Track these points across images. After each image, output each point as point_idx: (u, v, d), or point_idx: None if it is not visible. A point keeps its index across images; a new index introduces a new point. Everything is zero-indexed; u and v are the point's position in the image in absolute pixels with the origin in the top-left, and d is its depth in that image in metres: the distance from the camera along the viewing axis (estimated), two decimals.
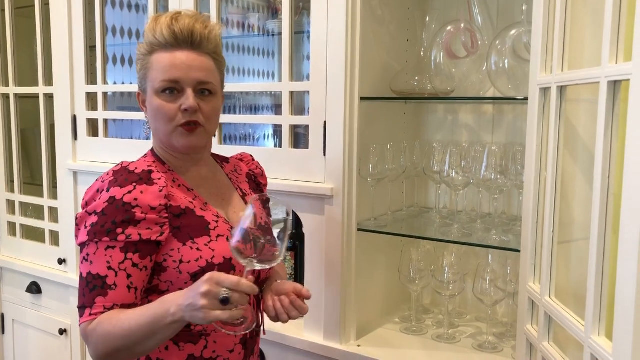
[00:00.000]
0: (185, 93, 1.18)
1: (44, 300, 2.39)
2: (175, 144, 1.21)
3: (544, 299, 1.12)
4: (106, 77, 2.13)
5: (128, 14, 2.40)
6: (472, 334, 1.74)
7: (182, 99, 1.18)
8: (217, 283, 1.01)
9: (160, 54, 1.19)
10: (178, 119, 1.18)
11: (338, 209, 1.62)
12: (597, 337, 0.92)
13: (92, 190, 1.17)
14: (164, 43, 1.19)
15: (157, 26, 1.19)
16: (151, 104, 1.21)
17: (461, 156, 1.61)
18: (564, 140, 1.10)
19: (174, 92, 1.19)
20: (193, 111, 1.18)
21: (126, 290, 1.11)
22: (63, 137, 2.23)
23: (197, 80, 1.19)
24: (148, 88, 1.21)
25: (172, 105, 1.18)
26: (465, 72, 1.65)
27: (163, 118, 1.19)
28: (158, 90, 1.19)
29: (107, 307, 1.10)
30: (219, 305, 1.00)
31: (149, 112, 1.23)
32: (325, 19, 1.58)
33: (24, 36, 2.47)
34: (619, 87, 0.87)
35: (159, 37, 1.19)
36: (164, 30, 1.18)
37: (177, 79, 1.18)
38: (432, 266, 1.70)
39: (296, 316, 1.21)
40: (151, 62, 1.20)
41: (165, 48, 1.19)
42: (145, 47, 1.22)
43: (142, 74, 1.23)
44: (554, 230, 1.11)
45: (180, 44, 1.19)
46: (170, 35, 1.18)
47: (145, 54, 1.22)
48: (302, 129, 1.92)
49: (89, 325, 1.10)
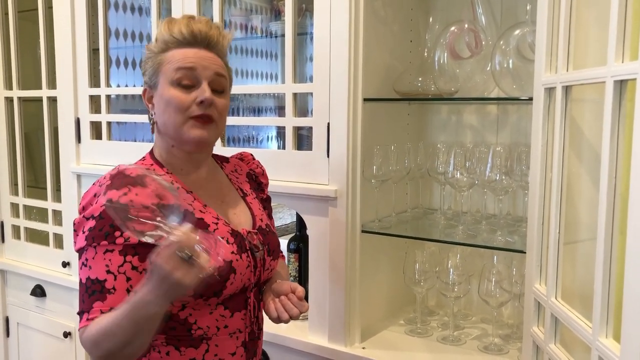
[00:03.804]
0: (201, 86, 1.18)
1: (48, 303, 2.39)
2: (185, 136, 1.19)
3: (550, 300, 1.11)
4: (109, 80, 2.13)
5: (131, 17, 2.40)
6: (477, 335, 1.74)
7: (198, 91, 1.18)
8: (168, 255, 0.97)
9: (175, 50, 1.20)
10: (192, 110, 1.17)
11: (342, 210, 1.61)
12: (604, 339, 0.91)
13: (89, 195, 1.16)
14: (182, 40, 1.19)
15: (174, 26, 1.20)
16: (162, 97, 1.19)
17: (465, 157, 1.61)
18: (569, 140, 1.09)
19: (189, 87, 1.18)
20: (208, 104, 1.17)
21: (125, 294, 1.10)
22: (66, 140, 2.24)
23: (214, 71, 1.19)
24: (160, 81, 1.20)
25: (186, 96, 1.18)
26: (469, 72, 1.65)
27: (176, 108, 1.18)
28: (174, 81, 1.18)
29: (105, 312, 1.09)
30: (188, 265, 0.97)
31: (158, 106, 1.21)
32: (328, 20, 1.58)
33: (27, 39, 2.48)
34: (625, 87, 0.86)
35: (177, 34, 1.19)
36: (183, 29, 1.19)
37: (193, 66, 1.18)
38: (437, 267, 1.69)
39: (297, 314, 1.21)
40: (166, 57, 1.20)
41: (181, 45, 1.19)
42: (158, 46, 1.22)
43: (153, 70, 1.22)
44: (560, 231, 1.10)
45: (198, 43, 1.20)
46: (189, 33, 1.19)
47: (157, 52, 1.22)
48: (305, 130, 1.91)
49: (84, 332, 1.09)
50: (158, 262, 0.98)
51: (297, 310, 1.21)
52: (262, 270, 1.28)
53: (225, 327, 1.20)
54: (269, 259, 1.29)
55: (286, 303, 1.22)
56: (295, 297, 1.22)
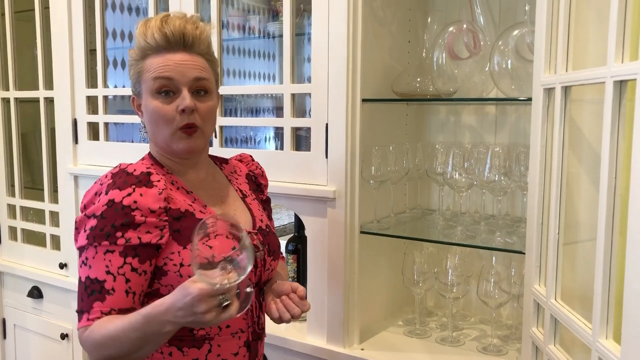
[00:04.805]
0: (181, 93, 1.17)
1: (45, 305, 2.38)
2: (174, 148, 1.20)
3: (550, 301, 1.11)
4: (106, 81, 2.13)
5: (128, 17, 2.40)
6: (476, 336, 1.73)
7: (178, 99, 1.16)
8: (211, 295, 0.99)
9: (153, 57, 1.18)
10: (177, 121, 1.17)
11: (340, 211, 1.61)
12: (604, 340, 0.90)
13: (90, 193, 1.16)
14: (156, 46, 1.17)
15: (148, 30, 1.18)
16: (147, 107, 1.19)
17: (464, 157, 1.60)
18: (568, 140, 1.09)
19: (169, 93, 1.17)
20: (190, 111, 1.16)
21: (124, 295, 1.10)
22: (64, 140, 2.23)
23: (193, 77, 1.18)
24: (143, 91, 1.20)
25: (168, 107, 1.17)
26: (468, 73, 1.64)
27: (161, 121, 1.18)
28: (153, 91, 1.17)
29: (105, 312, 1.09)
30: (221, 310, 1.00)
31: (145, 116, 1.21)
32: (326, 21, 1.57)
33: (24, 40, 2.47)
34: (624, 87, 0.86)
35: (151, 40, 1.17)
36: (155, 34, 1.17)
37: (171, 76, 1.16)
38: (436, 268, 1.69)
39: (298, 313, 1.20)
40: (145, 66, 1.19)
41: (158, 51, 1.18)
42: (137, 52, 1.20)
43: (135, 78, 1.22)
44: (560, 232, 1.10)
45: (173, 47, 1.18)
46: (162, 38, 1.17)
47: (137, 59, 1.20)
48: (303, 131, 1.91)
49: (85, 332, 1.09)
50: (195, 297, 0.98)
51: (299, 310, 1.20)
52: (263, 271, 1.28)
53: (227, 327, 1.20)
54: (269, 259, 1.29)
55: (288, 303, 1.21)
56: (297, 297, 1.22)
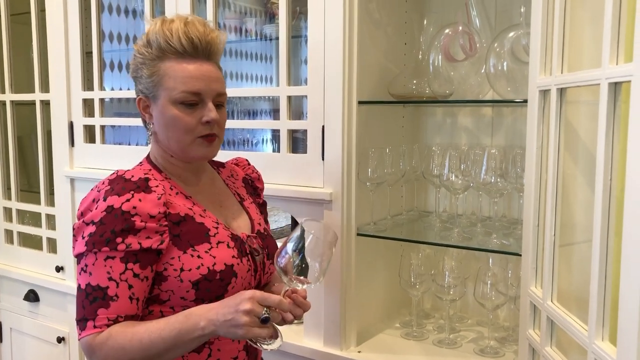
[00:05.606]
0: (205, 105, 1.17)
1: (42, 308, 2.38)
2: (192, 154, 1.20)
3: (546, 303, 1.10)
4: (103, 83, 2.12)
5: (125, 20, 2.39)
6: (473, 338, 1.73)
7: (204, 110, 1.17)
8: (260, 302, 1.04)
9: (176, 61, 1.17)
10: (198, 130, 1.18)
11: (337, 213, 1.61)
12: (600, 342, 0.90)
13: (87, 200, 1.15)
14: (182, 51, 1.17)
15: (172, 33, 1.16)
16: (164, 114, 1.18)
17: (460, 159, 1.60)
18: (564, 142, 1.09)
19: (193, 105, 1.17)
20: (215, 123, 1.18)
21: (128, 302, 1.10)
22: (60, 143, 2.22)
23: (217, 92, 1.20)
24: (161, 96, 1.18)
25: (191, 117, 1.17)
26: (464, 74, 1.65)
27: (182, 129, 1.18)
28: (177, 101, 1.17)
29: (111, 319, 1.08)
30: (259, 322, 1.03)
31: (159, 120, 1.20)
32: (323, 23, 1.57)
33: (20, 43, 2.46)
34: (619, 89, 0.86)
35: (176, 44, 1.16)
36: (182, 38, 1.16)
37: (199, 91, 1.17)
38: (433, 270, 1.69)
39: (300, 314, 1.20)
40: (165, 69, 1.17)
41: (181, 56, 1.17)
42: (153, 52, 1.18)
43: (153, 82, 1.19)
44: (556, 234, 1.10)
45: (199, 54, 1.18)
46: (188, 43, 1.16)
47: (153, 58, 1.18)
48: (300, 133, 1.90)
49: (95, 338, 1.08)
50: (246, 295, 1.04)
51: (301, 310, 1.20)
52: (262, 274, 1.29)
53: None
54: (268, 262, 1.30)
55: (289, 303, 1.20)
56: (300, 297, 1.21)
